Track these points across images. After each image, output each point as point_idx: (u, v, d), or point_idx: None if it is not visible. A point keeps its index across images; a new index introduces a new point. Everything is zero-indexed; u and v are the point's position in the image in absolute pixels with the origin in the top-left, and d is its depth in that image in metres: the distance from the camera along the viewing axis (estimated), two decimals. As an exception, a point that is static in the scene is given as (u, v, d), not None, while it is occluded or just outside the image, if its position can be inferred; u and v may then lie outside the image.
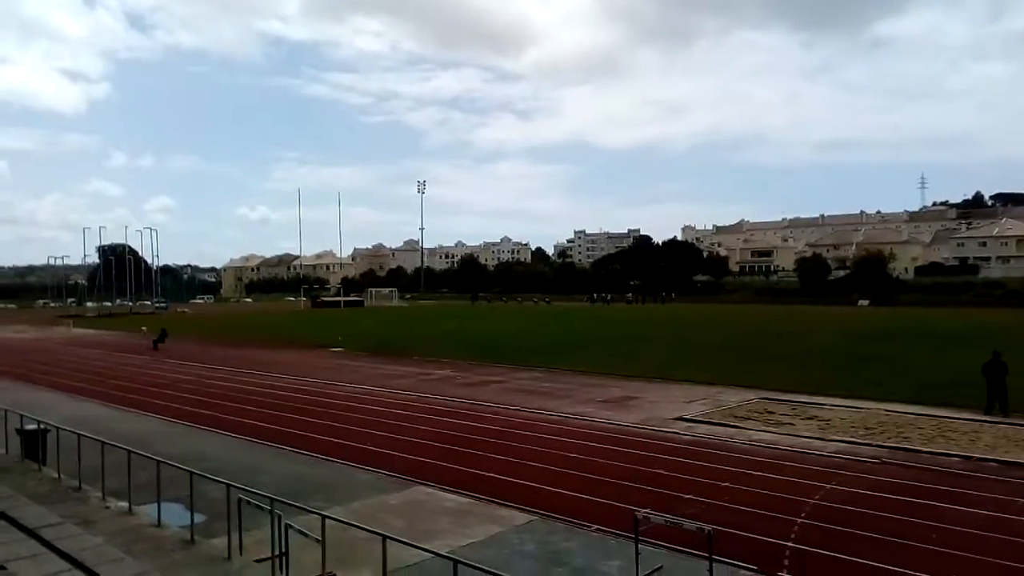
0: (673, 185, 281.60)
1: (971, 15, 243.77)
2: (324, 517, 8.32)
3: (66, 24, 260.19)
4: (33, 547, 9.72)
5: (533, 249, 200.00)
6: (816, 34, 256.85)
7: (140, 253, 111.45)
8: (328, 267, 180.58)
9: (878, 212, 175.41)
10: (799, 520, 10.85)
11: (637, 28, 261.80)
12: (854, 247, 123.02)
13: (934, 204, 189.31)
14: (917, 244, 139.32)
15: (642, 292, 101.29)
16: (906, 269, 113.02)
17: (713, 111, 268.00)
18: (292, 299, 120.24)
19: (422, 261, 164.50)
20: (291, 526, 8.29)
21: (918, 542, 9.96)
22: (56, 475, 13.07)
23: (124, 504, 11.28)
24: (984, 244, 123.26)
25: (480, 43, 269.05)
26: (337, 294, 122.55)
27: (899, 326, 48.77)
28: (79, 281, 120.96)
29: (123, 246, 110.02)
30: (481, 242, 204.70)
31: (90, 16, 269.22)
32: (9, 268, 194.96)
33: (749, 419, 18.66)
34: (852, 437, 16.36)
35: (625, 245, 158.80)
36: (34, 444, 14.16)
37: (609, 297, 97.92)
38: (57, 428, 13.75)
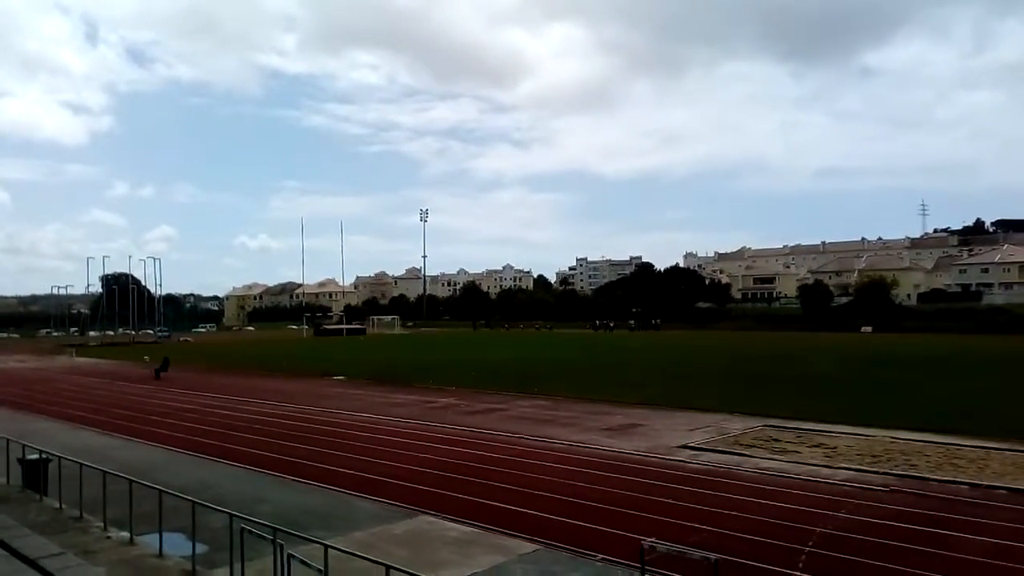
0: (674, 212, 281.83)
1: (956, 46, 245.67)
2: (327, 547, 8.23)
3: (68, 59, 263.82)
4: (33, 578, 9.64)
5: (535, 276, 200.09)
6: (804, 65, 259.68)
7: (143, 282, 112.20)
8: (331, 295, 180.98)
9: (879, 239, 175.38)
10: (807, 549, 10.73)
11: (629, 60, 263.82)
12: (856, 274, 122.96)
13: (935, 231, 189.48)
14: (919, 270, 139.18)
15: (644, 319, 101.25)
16: (908, 296, 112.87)
17: (710, 140, 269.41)
18: (295, 327, 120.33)
19: (424, 288, 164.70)
20: (293, 556, 8.19)
21: (927, 570, 9.82)
22: (57, 505, 12.99)
23: (126, 534, 11.19)
24: (986, 270, 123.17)
25: (475, 75, 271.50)
26: (339, 322, 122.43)
27: (903, 353, 48.62)
28: (82, 310, 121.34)
29: (126, 275, 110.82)
30: (483, 269, 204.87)
31: (92, 51, 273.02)
32: (12, 298, 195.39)
33: (754, 447, 18.52)
34: (859, 465, 16.23)
35: (627, 272, 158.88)
36: (35, 474, 14.10)
37: (612, 324, 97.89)
38: (59, 457, 13.70)
